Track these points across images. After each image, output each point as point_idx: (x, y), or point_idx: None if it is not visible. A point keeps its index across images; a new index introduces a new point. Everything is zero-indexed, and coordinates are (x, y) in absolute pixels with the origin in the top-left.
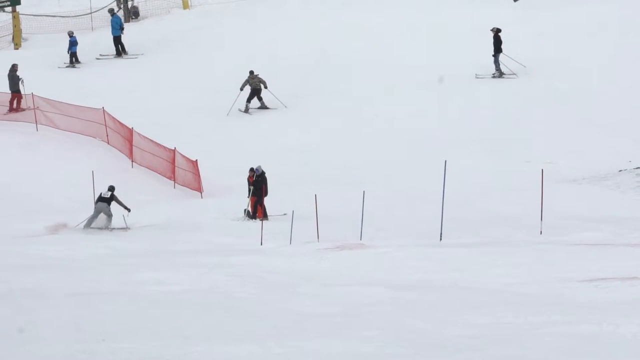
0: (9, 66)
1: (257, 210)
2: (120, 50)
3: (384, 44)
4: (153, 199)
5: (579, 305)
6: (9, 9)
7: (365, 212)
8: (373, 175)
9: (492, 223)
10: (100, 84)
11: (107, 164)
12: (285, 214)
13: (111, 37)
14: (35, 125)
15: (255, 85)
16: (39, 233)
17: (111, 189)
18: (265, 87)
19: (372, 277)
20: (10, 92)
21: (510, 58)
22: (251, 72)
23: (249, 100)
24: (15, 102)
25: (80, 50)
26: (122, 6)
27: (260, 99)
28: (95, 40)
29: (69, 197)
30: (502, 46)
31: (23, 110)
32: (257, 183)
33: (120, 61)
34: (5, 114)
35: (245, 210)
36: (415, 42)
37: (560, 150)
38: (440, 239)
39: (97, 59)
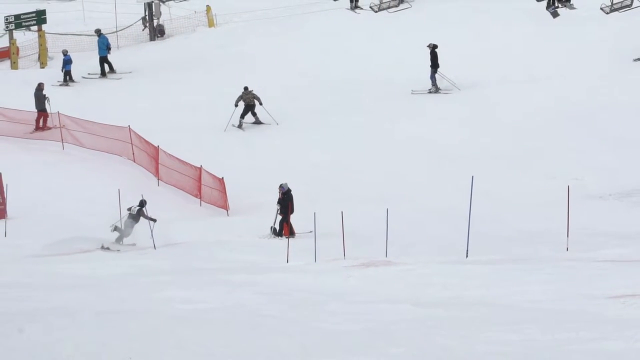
0: (35, 85)
1: (283, 228)
2: (104, 70)
3: (406, 59)
4: (179, 216)
5: (606, 321)
6: (35, 27)
7: (391, 229)
8: (397, 191)
9: (518, 239)
10: (124, 102)
11: (134, 182)
12: (311, 232)
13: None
14: (61, 143)
15: (248, 101)
16: (66, 252)
17: (141, 204)
18: (260, 104)
19: (399, 294)
20: (36, 110)
21: (444, 76)
22: (245, 88)
23: (242, 116)
24: (41, 120)
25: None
26: (147, 24)
27: (254, 114)
28: (122, 58)
29: (96, 215)
30: (439, 61)
31: (49, 129)
32: (283, 200)
33: (143, 79)
34: (31, 133)
35: (271, 227)
36: (441, 58)
37: (585, 167)
38: (467, 256)
39: (84, 77)
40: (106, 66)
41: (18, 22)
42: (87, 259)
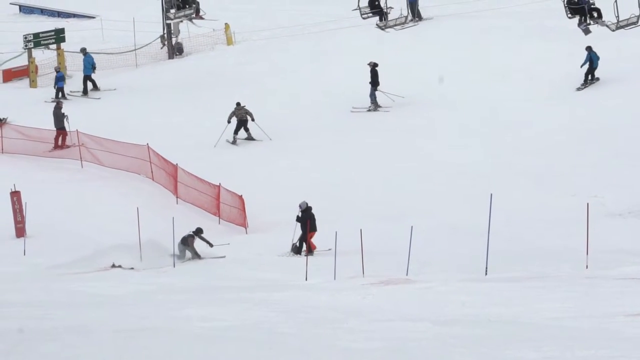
0: (54, 103)
1: (302, 245)
2: (87, 89)
3: (426, 78)
4: None
5: (625, 339)
6: (54, 46)
7: (409, 246)
8: (416, 209)
9: (538, 257)
10: (142, 120)
11: (152, 201)
12: (330, 249)
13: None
14: (80, 162)
15: (241, 117)
16: (85, 270)
17: (196, 231)
18: (252, 120)
19: (417, 312)
20: (55, 129)
21: (385, 92)
22: (238, 104)
23: (236, 131)
24: (60, 139)
25: (127, 86)
26: (166, 42)
27: (247, 130)
28: (141, 76)
29: (115, 234)
30: (379, 79)
31: (68, 147)
32: (302, 218)
33: (162, 95)
34: (50, 151)
35: (293, 245)
36: (459, 77)
37: (605, 184)
38: (486, 274)
39: (68, 94)
40: (90, 84)
41: (37, 40)
42: (106, 277)
